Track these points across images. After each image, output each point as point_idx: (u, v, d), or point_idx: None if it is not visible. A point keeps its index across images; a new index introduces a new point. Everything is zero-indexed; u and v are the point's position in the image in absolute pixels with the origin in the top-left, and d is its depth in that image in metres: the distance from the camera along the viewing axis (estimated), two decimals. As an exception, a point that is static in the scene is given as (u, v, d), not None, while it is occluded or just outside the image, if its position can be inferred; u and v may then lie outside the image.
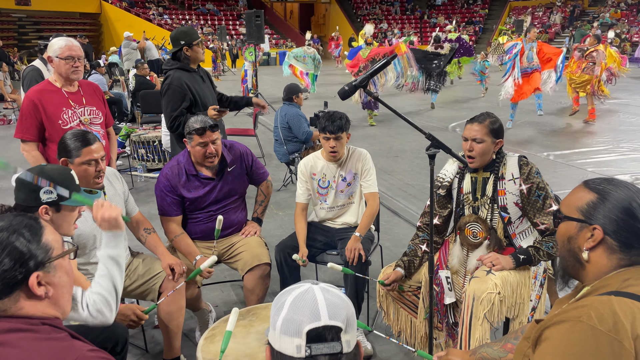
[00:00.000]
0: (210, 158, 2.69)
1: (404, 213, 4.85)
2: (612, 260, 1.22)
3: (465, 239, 2.40)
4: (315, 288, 0.95)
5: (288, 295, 0.95)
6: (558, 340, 1.12)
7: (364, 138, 8.38)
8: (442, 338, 2.56)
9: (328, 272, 3.59)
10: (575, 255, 1.27)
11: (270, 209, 5.00)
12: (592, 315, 1.10)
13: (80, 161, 2.24)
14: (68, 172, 1.87)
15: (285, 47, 28.03)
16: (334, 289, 0.97)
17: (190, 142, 2.67)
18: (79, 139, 2.25)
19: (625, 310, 1.09)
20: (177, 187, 2.72)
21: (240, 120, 9.94)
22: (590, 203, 1.25)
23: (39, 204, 1.75)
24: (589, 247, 1.23)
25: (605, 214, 1.22)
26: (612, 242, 1.21)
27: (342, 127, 2.76)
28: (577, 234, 1.26)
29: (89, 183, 2.29)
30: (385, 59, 1.81)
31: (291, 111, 5.23)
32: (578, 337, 1.09)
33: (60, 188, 1.77)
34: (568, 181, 5.70)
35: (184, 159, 2.77)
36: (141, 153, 6.43)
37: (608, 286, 1.19)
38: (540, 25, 25.94)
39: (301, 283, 0.98)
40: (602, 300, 1.14)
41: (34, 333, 1.12)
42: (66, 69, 2.86)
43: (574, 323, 1.11)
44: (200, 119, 2.66)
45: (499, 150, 2.33)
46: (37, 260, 1.16)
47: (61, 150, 2.26)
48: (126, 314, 2.18)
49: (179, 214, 2.78)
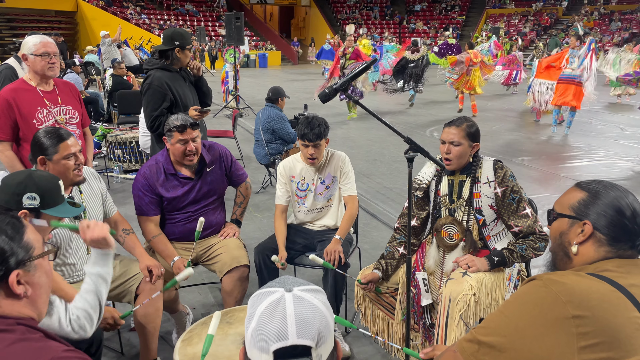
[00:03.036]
0: (190, 156, 2.67)
1: (382, 216, 4.89)
2: (599, 252, 1.30)
3: (441, 241, 2.44)
4: (288, 297, 0.90)
5: (259, 303, 0.91)
6: (517, 291, 1.26)
7: (343, 141, 8.42)
8: (418, 339, 2.59)
9: (307, 273, 3.60)
10: (565, 249, 1.36)
11: (249, 211, 4.98)
12: (551, 277, 1.21)
13: (59, 157, 2.21)
14: (56, 182, 1.85)
15: (265, 49, 28.00)
16: (308, 295, 0.92)
17: (170, 139, 2.65)
18: (53, 135, 2.22)
19: (583, 283, 1.18)
20: (156, 186, 2.70)
21: (219, 122, 9.90)
22: (582, 201, 1.33)
23: (20, 209, 1.73)
24: (579, 242, 1.32)
25: (596, 210, 1.30)
26: (600, 235, 1.29)
27: (320, 134, 2.77)
28: (568, 229, 1.35)
29: (69, 177, 2.26)
30: (366, 63, 1.83)
31: (273, 113, 5.23)
32: (531, 289, 1.22)
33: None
34: (542, 186, 5.83)
35: (162, 158, 2.75)
36: (118, 154, 6.34)
37: (584, 269, 1.28)
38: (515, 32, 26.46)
39: (275, 287, 0.93)
40: (568, 272, 1.25)
41: (8, 333, 1.10)
42: (42, 65, 2.81)
43: (530, 281, 1.24)
44: (181, 117, 2.65)
45: (475, 153, 2.38)
46: (18, 258, 1.15)
47: (36, 149, 2.22)
48: (104, 317, 2.16)
49: (157, 214, 2.75)
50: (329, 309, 0.93)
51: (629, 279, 1.22)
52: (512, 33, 25.77)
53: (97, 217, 2.49)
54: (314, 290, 0.94)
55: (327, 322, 0.91)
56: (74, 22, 25.36)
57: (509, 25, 28.04)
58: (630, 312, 1.15)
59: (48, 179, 1.83)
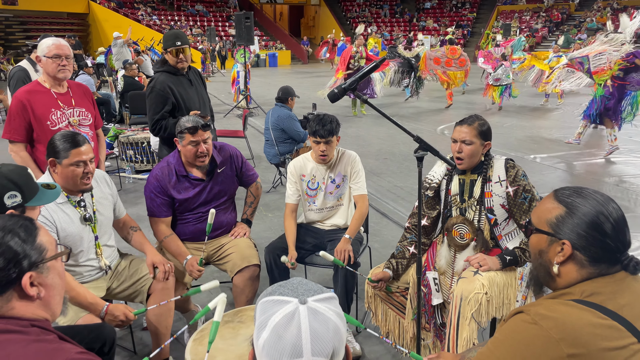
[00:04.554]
0: (202, 157, 2.69)
1: (392, 215, 4.88)
2: (581, 273, 1.24)
3: (452, 240, 2.43)
4: (302, 311, 0.87)
5: (272, 312, 0.88)
6: (505, 327, 1.21)
7: (354, 140, 8.41)
8: (429, 339, 2.59)
9: (317, 273, 3.60)
10: (546, 269, 1.30)
11: (259, 211, 5.00)
12: (539, 310, 1.16)
13: (68, 162, 2.22)
14: (27, 172, 1.80)
15: (274, 48, 28.04)
16: (323, 307, 0.88)
17: (182, 141, 2.67)
18: (68, 140, 2.24)
19: (573, 315, 1.14)
20: (167, 188, 2.72)
21: (229, 122, 9.93)
22: (559, 217, 1.26)
23: (5, 210, 1.68)
24: (559, 262, 1.26)
25: (574, 228, 1.23)
26: (581, 257, 1.23)
27: (332, 131, 2.78)
28: (547, 247, 1.29)
29: (77, 184, 2.28)
30: (374, 63, 1.83)
31: (283, 113, 5.24)
32: (519, 326, 1.18)
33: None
34: (557, 183, 5.78)
35: (174, 160, 2.77)
36: (129, 154, 6.40)
37: (571, 294, 1.22)
38: (527, 29, 26.22)
39: (288, 296, 0.89)
40: (556, 302, 1.20)
41: (23, 335, 1.12)
42: (53, 67, 2.84)
43: (518, 315, 1.20)
44: (192, 118, 2.67)
45: (486, 152, 2.36)
46: (31, 260, 1.16)
47: (50, 151, 2.25)
48: (115, 314, 2.18)
49: (169, 215, 2.77)
50: (342, 319, 0.91)
51: (618, 299, 1.17)
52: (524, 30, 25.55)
53: (107, 221, 2.52)
54: (328, 299, 0.91)
55: (340, 336, 0.89)
56: (86, 23, 25.61)
57: (520, 22, 27.77)
58: (624, 339, 1.12)
59: (19, 171, 1.77)
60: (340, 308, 0.92)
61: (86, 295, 2.17)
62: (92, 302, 2.17)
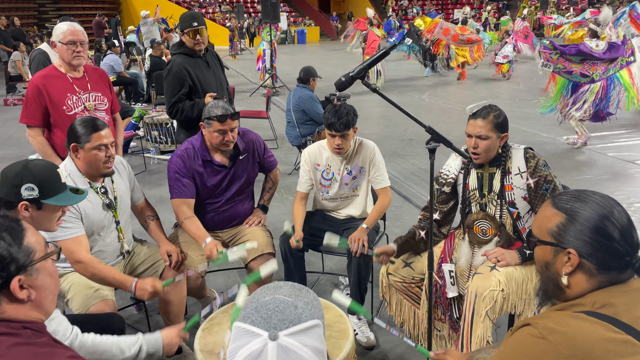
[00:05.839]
0: (227, 145, 2.64)
1: (415, 199, 4.77)
2: (591, 282, 1.16)
3: (474, 237, 2.33)
4: (270, 349, 0.80)
5: (240, 346, 0.82)
6: (512, 340, 1.15)
7: (379, 120, 8.28)
8: (445, 330, 2.53)
9: (334, 259, 3.56)
10: (555, 281, 1.22)
11: (280, 193, 4.98)
12: (548, 324, 1.09)
13: (90, 146, 2.23)
14: (54, 170, 1.83)
15: (303, 25, 27.72)
16: (296, 343, 0.81)
17: (209, 127, 2.60)
18: (88, 124, 2.25)
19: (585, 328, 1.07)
20: (192, 169, 2.67)
21: (255, 101, 9.90)
22: (560, 225, 1.19)
23: (20, 200, 1.72)
24: (568, 272, 1.18)
25: (577, 235, 1.16)
26: (589, 265, 1.15)
27: (348, 124, 2.66)
28: (553, 258, 1.21)
29: (99, 168, 2.29)
30: (383, 50, 1.74)
31: (304, 94, 5.16)
32: (527, 341, 1.11)
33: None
34: (587, 167, 5.55)
35: (197, 144, 2.71)
36: (154, 135, 6.45)
37: (582, 305, 1.15)
38: (566, 1, 25.08)
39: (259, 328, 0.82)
40: (565, 314, 1.12)
41: (14, 337, 1.11)
42: (68, 54, 2.83)
43: (525, 329, 1.13)
44: (221, 105, 2.60)
45: (504, 143, 2.24)
46: (19, 263, 1.13)
47: (71, 136, 2.27)
48: (144, 288, 2.20)
49: (192, 197, 2.70)
50: (318, 353, 0.83)
51: (633, 310, 1.09)
52: (563, 2, 24.46)
53: (126, 206, 2.53)
54: (305, 331, 0.84)
55: None
56: (117, 2, 25.78)
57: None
58: (638, 354, 1.04)
59: (45, 167, 1.81)
60: (321, 338, 0.85)
61: (114, 275, 2.22)
62: (121, 280, 2.22)
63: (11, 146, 7.13)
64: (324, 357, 0.83)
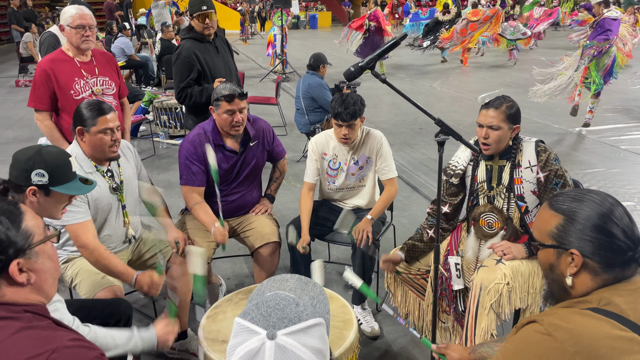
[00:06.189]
0: (237, 127, 2.62)
1: (423, 189, 4.74)
2: (596, 281, 1.16)
3: (480, 230, 2.30)
4: (268, 348, 0.77)
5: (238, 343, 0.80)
6: (517, 337, 1.13)
7: (389, 108, 8.22)
8: (449, 322, 2.52)
9: (341, 249, 3.56)
10: (560, 283, 1.21)
11: (288, 181, 4.97)
12: (552, 321, 1.08)
13: (96, 130, 2.23)
14: (66, 158, 1.83)
15: (315, 10, 27.47)
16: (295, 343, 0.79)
17: (217, 109, 2.59)
18: (94, 108, 2.24)
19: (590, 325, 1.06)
20: (203, 155, 2.64)
21: (264, 87, 9.86)
22: (559, 226, 1.18)
23: (29, 185, 1.73)
24: (573, 273, 1.17)
25: (577, 235, 1.16)
26: (593, 264, 1.15)
27: (355, 114, 2.63)
28: (557, 260, 1.20)
29: (105, 152, 2.29)
30: (394, 39, 1.70)
31: (314, 81, 5.12)
32: (530, 339, 1.09)
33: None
34: (599, 160, 5.47)
35: (209, 128, 2.68)
36: (163, 119, 6.45)
37: (587, 302, 1.14)
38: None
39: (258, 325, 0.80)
40: (572, 310, 1.12)
41: (16, 321, 1.11)
42: (77, 38, 2.82)
43: (529, 326, 1.12)
44: (229, 86, 2.58)
45: (515, 135, 2.21)
46: (17, 247, 1.13)
47: (77, 119, 2.26)
48: (145, 281, 2.20)
49: (203, 185, 2.69)
50: (320, 353, 0.81)
51: (638, 308, 1.08)
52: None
53: (133, 191, 2.53)
54: (304, 330, 0.81)
55: None
56: (129, -17, 25.68)
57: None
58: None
59: (57, 155, 1.81)
60: (322, 336, 0.82)
61: (117, 265, 2.21)
62: (123, 271, 2.21)
63: (22, 127, 7.17)
64: (325, 357, 0.81)
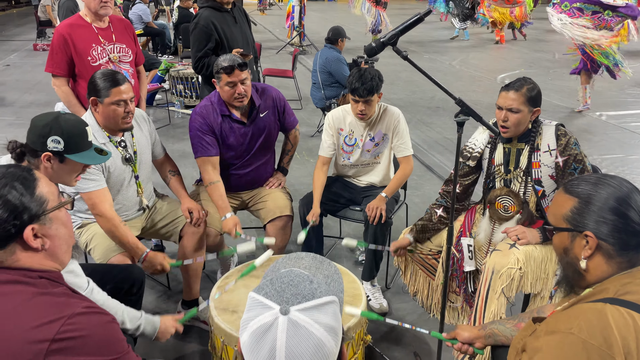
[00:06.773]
0: (240, 98, 2.58)
1: (437, 168, 4.71)
2: (611, 265, 1.15)
3: (495, 213, 2.28)
4: (281, 323, 0.77)
5: (253, 313, 0.81)
6: (549, 354, 1.08)
7: (406, 85, 8.11)
8: (458, 302, 2.53)
9: (352, 225, 3.56)
10: (574, 267, 1.20)
11: (302, 155, 4.96)
12: (583, 327, 1.05)
13: (109, 101, 2.23)
14: (82, 128, 1.83)
15: (335, -19, 26.90)
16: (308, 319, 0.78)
17: (219, 82, 2.56)
18: (109, 78, 2.23)
19: (619, 321, 1.03)
20: (213, 126, 2.64)
21: (281, 59, 9.77)
22: (574, 209, 1.18)
23: (44, 150, 1.74)
24: (587, 256, 1.16)
25: (592, 217, 1.15)
26: (607, 246, 1.14)
27: (372, 89, 2.58)
28: (571, 244, 1.20)
29: (118, 123, 2.29)
30: (418, 15, 1.66)
31: (331, 55, 5.06)
32: (569, 351, 1.04)
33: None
34: (618, 145, 5.37)
35: (215, 99, 2.66)
36: (179, 89, 6.44)
37: (605, 291, 1.12)
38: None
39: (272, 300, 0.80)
40: (596, 309, 1.08)
41: (30, 286, 1.13)
42: (95, 3, 2.79)
43: (565, 335, 1.06)
44: (229, 57, 2.54)
45: (535, 118, 2.16)
46: (32, 213, 1.14)
47: (91, 89, 2.26)
48: (153, 263, 2.24)
49: (217, 154, 2.66)
50: (333, 330, 0.80)
51: None
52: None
53: (146, 161, 2.54)
54: (318, 307, 0.80)
55: (324, 352, 0.78)
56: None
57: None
58: None
59: (74, 123, 1.81)
60: (336, 314, 0.82)
61: (130, 239, 2.23)
62: (134, 247, 2.23)
63: (40, 91, 7.21)
64: (338, 335, 0.81)
